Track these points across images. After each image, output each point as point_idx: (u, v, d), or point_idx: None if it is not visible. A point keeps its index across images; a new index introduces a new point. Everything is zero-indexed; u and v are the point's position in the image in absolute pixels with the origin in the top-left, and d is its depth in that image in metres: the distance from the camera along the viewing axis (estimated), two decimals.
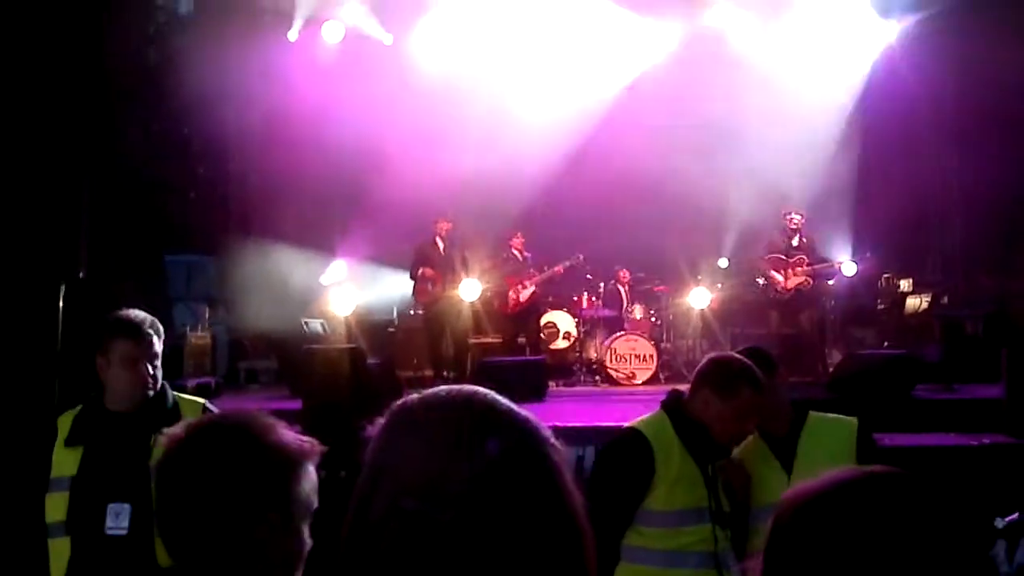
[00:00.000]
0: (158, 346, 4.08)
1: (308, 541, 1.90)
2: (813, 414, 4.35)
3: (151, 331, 4.06)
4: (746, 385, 4.02)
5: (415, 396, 1.42)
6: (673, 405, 4.24)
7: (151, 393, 4.05)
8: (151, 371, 4.02)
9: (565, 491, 1.35)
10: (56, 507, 3.85)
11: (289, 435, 1.91)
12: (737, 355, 4.23)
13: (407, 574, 1.27)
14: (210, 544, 1.79)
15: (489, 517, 1.26)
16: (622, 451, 4.25)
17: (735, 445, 4.22)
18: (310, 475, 1.89)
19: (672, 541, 4.05)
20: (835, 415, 4.42)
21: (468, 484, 1.27)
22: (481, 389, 1.43)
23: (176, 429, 1.94)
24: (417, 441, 1.33)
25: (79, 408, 4.09)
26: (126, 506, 3.77)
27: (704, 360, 4.33)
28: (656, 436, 4.14)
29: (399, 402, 1.42)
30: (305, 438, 1.93)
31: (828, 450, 4.14)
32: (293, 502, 1.86)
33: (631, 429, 4.25)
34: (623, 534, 4.11)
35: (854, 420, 4.35)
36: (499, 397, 1.41)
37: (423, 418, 1.36)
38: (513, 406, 1.41)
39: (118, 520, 3.78)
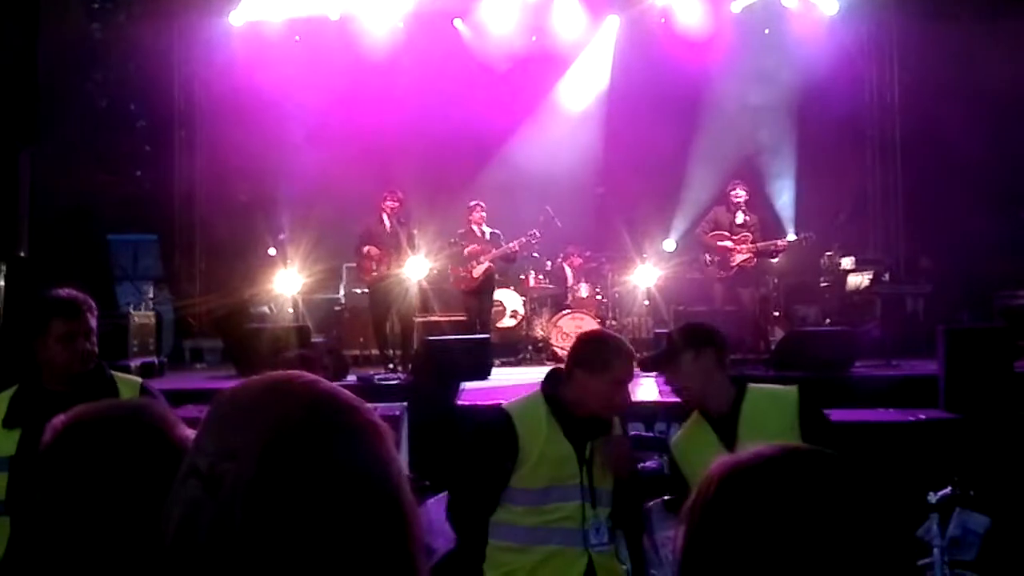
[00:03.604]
0: (92, 322, 4.13)
1: None
2: (752, 387, 4.23)
3: (85, 308, 4.11)
4: (615, 358, 4.08)
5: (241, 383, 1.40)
6: (550, 386, 4.28)
7: (88, 367, 4.10)
8: (88, 347, 4.08)
9: (373, 460, 1.32)
10: None
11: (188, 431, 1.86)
12: (606, 331, 4.27)
13: (199, 536, 1.26)
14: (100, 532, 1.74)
15: (279, 478, 1.24)
16: (487, 431, 4.35)
17: (613, 414, 4.26)
18: None
19: (536, 518, 4.11)
20: (775, 386, 4.35)
21: (256, 445, 1.25)
22: (296, 373, 1.39)
23: (83, 410, 1.88)
24: (218, 418, 1.32)
25: (15, 388, 4.11)
26: None
27: (575, 339, 4.39)
28: (523, 416, 4.21)
29: (221, 391, 1.40)
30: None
31: (770, 424, 4.00)
32: None
33: (499, 409, 4.32)
34: (491, 512, 4.18)
35: (794, 390, 4.21)
36: (314, 378, 1.37)
37: (228, 399, 1.35)
38: (325, 383, 1.37)
39: None
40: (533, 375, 12.05)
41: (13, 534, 3.80)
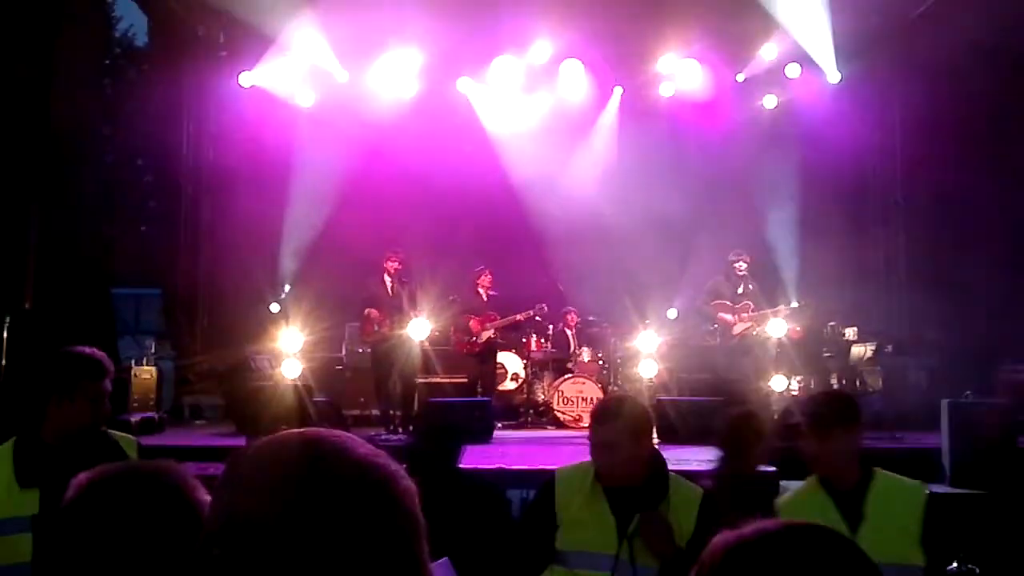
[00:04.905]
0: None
1: None
2: (880, 472, 4.17)
3: (109, 368, 4.11)
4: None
5: (252, 444, 1.37)
6: None
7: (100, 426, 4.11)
8: (108, 406, 4.10)
9: (395, 520, 1.30)
10: (14, 549, 3.73)
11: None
12: (614, 395, 4.33)
13: None
14: None
15: (296, 544, 1.22)
16: (537, 492, 4.40)
17: (606, 481, 4.16)
18: None
19: None
20: (902, 476, 4.23)
21: (271, 510, 1.24)
22: (321, 431, 1.35)
23: (109, 470, 1.89)
24: (232, 484, 1.30)
25: (12, 442, 4.03)
26: None
27: None
28: (566, 479, 4.28)
29: (235, 452, 1.37)
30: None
31: (896, 513, 4.00)
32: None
33: (554, 471, 4.39)
34: (538, 570, 4.17)
35: (920, 485, 4.19)
36: (334, 437, 1.33)
37: (240, 464, 1.33)
38: (350, 444, 1.33)
39: None
40: (534, 439, 12.09)
41: None
